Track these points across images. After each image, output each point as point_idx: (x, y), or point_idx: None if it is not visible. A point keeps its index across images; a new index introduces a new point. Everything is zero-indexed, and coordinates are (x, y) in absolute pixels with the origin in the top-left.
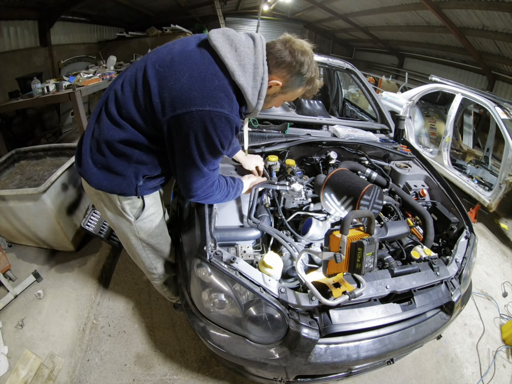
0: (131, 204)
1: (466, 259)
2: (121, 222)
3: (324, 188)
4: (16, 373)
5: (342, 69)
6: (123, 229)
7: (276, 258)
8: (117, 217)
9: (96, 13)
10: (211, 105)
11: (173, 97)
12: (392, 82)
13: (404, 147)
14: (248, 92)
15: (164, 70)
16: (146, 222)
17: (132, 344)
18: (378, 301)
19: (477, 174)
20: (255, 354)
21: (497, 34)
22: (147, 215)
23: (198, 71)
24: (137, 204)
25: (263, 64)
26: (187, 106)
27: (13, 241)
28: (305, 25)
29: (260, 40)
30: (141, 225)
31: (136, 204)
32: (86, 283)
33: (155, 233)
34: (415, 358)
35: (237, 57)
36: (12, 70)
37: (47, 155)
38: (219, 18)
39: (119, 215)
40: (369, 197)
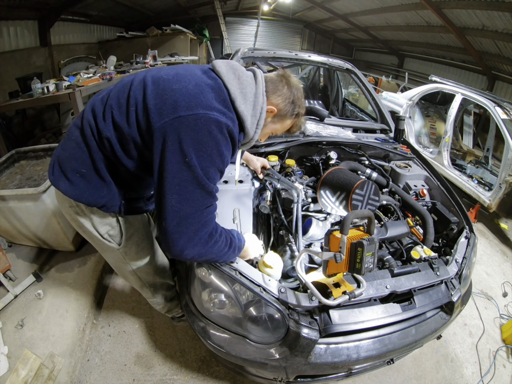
0: (108, 230)
1: (466, 259)
2: (105, 248)
3: (320, 186)
4: (16, 373)
5: (342, 69)
6: (109, 254)
7: (276, 258)
8: (100, 243)
9: (96, 13)
10: (219, 113)
11: (176, 99)
12: (392, 82)
13: (404, 147)
14: (247, 120)
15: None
16: (131, 247)
17: (132, 344)
18: (378, 301)
19: (477, 174)
20: (255, 354)
21: (497, 34)
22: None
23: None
24: (115, 230)
25: (263, 94)
26: (193, 108)
27: (13, 241)
28: (305, 25)
29: (259, 72)
30: (126, 251)
31: (114, 231)
32: (86, 283)
33: (143, 255)
34: (415, 358)
35: (239, 85)
36: (12, 70)
37: (47, 155)
38: (219, 18)
39: (100, 242)
40: (362, 192)
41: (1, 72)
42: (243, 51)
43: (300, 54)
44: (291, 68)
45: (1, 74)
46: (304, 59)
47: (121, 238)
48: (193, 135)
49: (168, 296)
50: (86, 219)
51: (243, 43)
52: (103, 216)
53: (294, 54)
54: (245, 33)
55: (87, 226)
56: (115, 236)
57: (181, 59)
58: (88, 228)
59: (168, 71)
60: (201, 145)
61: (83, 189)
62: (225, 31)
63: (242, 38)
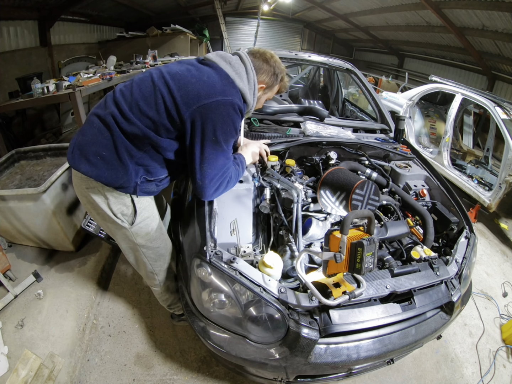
0: (122, 210)
1: (466, 259)
2: (117, 229)
3: (320, 186)
4: (16, 373)
5: (342, 69)
6: (120, 235)
7: (276, 258)
8: (112, 225)
9: (96, 13)
10: (232, 96)
11: (198, 90)
12: (392, 82)
13: (404, 147)
14: (247, 94)
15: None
16: (142, 227)
17: (132, 344)
18: (378, 301)
19: (477, 174)
20: (255, 354)
21: (497, 34)
22: (140, 219)
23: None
24: (129, 209)
25: (252, 70)
26: (213, 96)
27: (13, 241)
28: (305, 25)
29: (244, 54)
30: (137, 231)
31: (128, 210)
32: (86, 283)
33: (153, 237)
34: (415, 358)
35: (232, 68)
36: (12, 70)
37: (47, 155)
38: (219, 18)
39: (114, 222)
40: (362, 192)
41: (1, 72)
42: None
43: (300, 54)
44: (291, 68)
45: (1, 74)
46: (304, 59)
47: (134, 217)
48: (216, 118)
49: (171, 287)
50: (102, 200)
51: (243, 43)
52: (119, 195)
53: (294, 54)
54: (245, 33)
55: (102, 206)
56: (128, 216)
57: (181, 59)
58: (103, 208)
59: (180, 67)
60: (222, 124)
61: (102, 170)
62: (225, 31)
63: (242, 38)
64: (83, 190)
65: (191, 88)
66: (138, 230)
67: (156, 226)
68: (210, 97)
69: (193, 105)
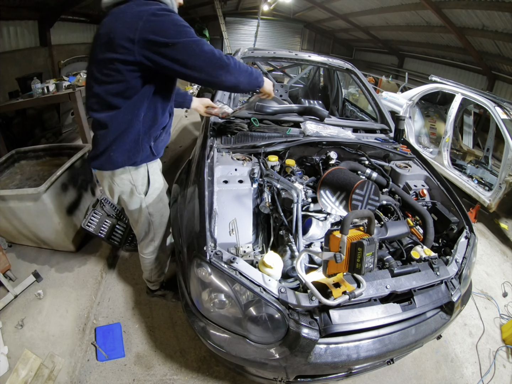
0: (140, 181)
1: (466, 259)
2: (134, 200)
3: (320, 186)
4: (16, 373)
5: (342, 69)
6: (135, 206)
7: (276, 258)
8: (130, 197)
9: (96, 13)
10: (150, 6)
11: (127, 21)
12: (392, 82)
13: (404, 147)
14: None
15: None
16: (153, 197)
17: (132, 344)
18: (378, 301)
19: (477, 174)
20: (255, 354)
21: (497, 34)
22: (153, 190)
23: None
24: (144, 180)
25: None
26: (145, 15)
27: (13, 241)
28: (305, 25)
29: None
30: (149, 200)
31: (144, 181)
32: (86, 283)
33: (159, 206)
34: (415, 358)
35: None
36: (12, 70)
37: (47, 155)
38: (219, 18)
39: (131, 195)
40: (362, 192)
41: (1, 72)
42: (243, 51)
43: (300, 54)
44: (291, 68)
45: (1, 74)
46: (304, 59)
47: (148, 187)
48: (158, 20)
49: (160, 257)
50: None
51: (243, 43)
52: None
53: (294, 54)
54: (245, 33)
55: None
56: (144, 186)
57: None
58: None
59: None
60: (160, 30)
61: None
62: (225, 31)
63: (242, 38)
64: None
65: (121, 22)
66: (150, 200)
67: (163, 196)
68: (141, 18)
69: (137, 32)
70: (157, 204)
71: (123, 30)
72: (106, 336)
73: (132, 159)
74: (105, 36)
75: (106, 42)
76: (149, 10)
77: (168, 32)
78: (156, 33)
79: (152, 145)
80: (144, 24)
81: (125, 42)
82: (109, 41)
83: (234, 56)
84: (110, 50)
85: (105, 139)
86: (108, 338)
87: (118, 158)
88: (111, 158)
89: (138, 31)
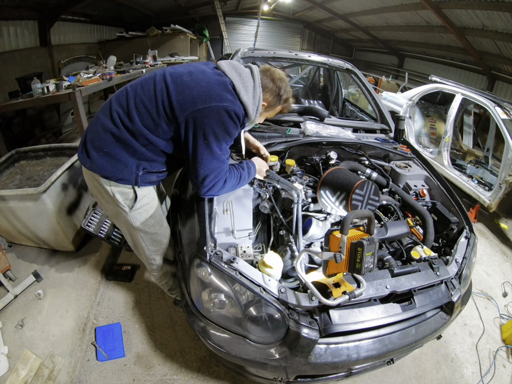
0: (124, 195)
1: (466, 259)
2: (118, 212)
3: (320, 186)
4: (16, 373)
5: (342, 69)
6: (121, 219)
7: (276, 258)
8: (114, 208)
9: (96, 13)
10: (227, 102)
11: (193, 96)
12: (392, 82)
13: (404, 147)
14: (249, 108)
15: (183, 77)
16: (141, 213)
17: (132, 344)
18: (378, 301)
19: (477, 174)
20: (255, 354)
21: (497, 34)
22: (140, 205)
23: (215, 79)
24: (130, 195)
25: (259, 86)
26: (207, 102)
27: (13, 241)
28: (305, 25)
29: (255, 68)
30: (136, 215)
31: (129, 196)
32: (86, 283)
33: (151, 223)
34: (415, 358)
35: (241, 80)
36: (12, 70)
37: (47, 155)
38: (219, 18)
39: (116, 206)
40: (362, 192)
41: (1, 72)
42: (243, 51)
43: (300, 54)
44: (291, 68)
45: (1, 74)
46: (304, 59)
47: (134, 202)
48: (208, 123)
49: (169, 272)
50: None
51: (243, 43)
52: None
53: (294, 54)
54: (245, 33)
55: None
56: (129, 200)
57: (181, 59)
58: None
59: (184, 69)
60: (214, 130)
61: (104, 164)
62: (225, 31)
63: (242, 38)
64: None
65: (188, 92)
66: (137, 215)
67: (155, 213)
68: (205, 103)
69: (188, 110)
70: (146, 220)
71: None
72: (106, 336)
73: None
74: None
75: None
76: None
77: None
78: None
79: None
80: None
81: None
82: None
83: (234, 56)
84: None
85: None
86: (108, 338)
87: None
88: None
89: None
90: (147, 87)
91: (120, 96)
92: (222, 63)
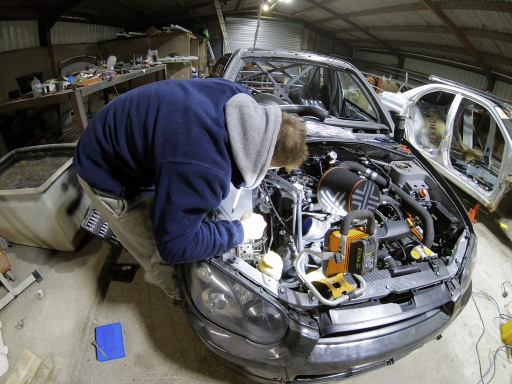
0: (111, 204)
1: (466, 259)
2: (108, 216)
3: (320, 186)
4: (16, 373)
5: (342, 69)
6: (110, 222)
7: (276, 258)
8: (104, 212)
9: (96, 13)
10: (211, 164)
11: (177, 144)
12: (392, 82)
13: (404, 147)
14: (247, 175)
15: (177, 115)
16: (129, 220)
17: (132, 344)
18: (378, 301)
19: (477, 174)
20: (255, 354)
21: (497, 34)
22: (128, 214)
23: (207, 131)
24: (117, 204)
25: (268, 151)
26: (189, 157)
27: (13, 241)
28: (305, 25)
29: (272, 125)
30: (125, 222)
31: (116, 205)
32: (86, 283)
33: (140, 231)
34: (415, 358)
35: (244, 141)
36: (12, 70)
37: (47, 155)
38: (219, 18)
39: (106, 210)
40: (362, 192)
41: (1, 72)
42: (243, 51)
43: (300, 54)
44: (291, 68)
45: (1, 74)
46: (304, 59)
47: (122, 211)
48: (181, 181)
49: (165, 271)
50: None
51: (243, 43)
52: None
53: (294, 54)
54: (245, 33)
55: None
56: (117, 208)
57: (181, 59)
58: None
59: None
60: (185, 189)
61: (91, 171)
62: (225, 31)
63: (242, 38)
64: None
65: (173, 138)
66: (126, 222)
67: (145, 221)
68: (185, 157)
69: (166, 158)
70: (135, 228)
71: None
72: (106, 336)
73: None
74: None
75: None
76: None
77: None
78: None
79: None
80: None
81: None
82: None
83: (234, 56)
84: None
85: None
86: (108, 338)
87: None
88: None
89: None
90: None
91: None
92: (231, 108)
